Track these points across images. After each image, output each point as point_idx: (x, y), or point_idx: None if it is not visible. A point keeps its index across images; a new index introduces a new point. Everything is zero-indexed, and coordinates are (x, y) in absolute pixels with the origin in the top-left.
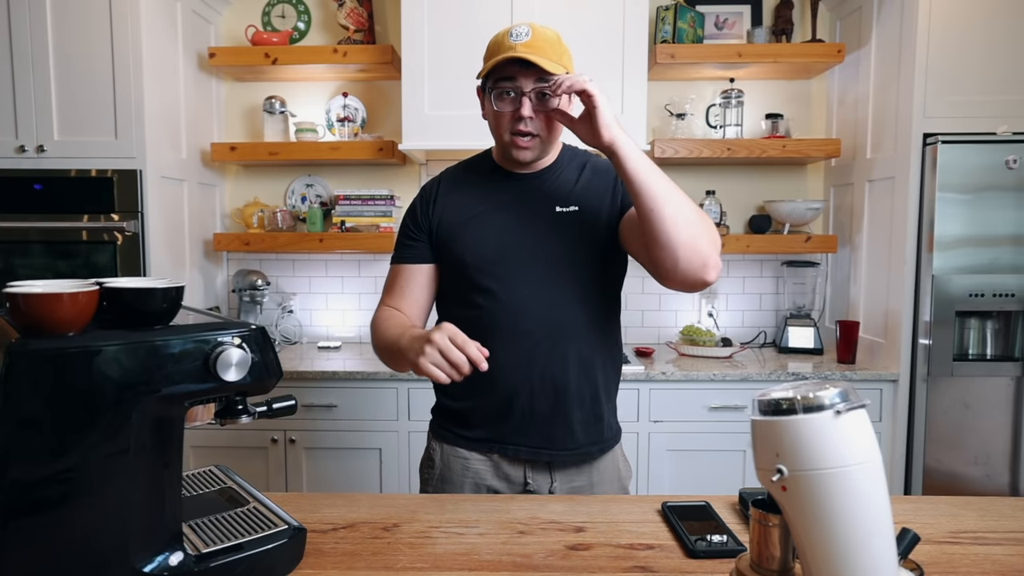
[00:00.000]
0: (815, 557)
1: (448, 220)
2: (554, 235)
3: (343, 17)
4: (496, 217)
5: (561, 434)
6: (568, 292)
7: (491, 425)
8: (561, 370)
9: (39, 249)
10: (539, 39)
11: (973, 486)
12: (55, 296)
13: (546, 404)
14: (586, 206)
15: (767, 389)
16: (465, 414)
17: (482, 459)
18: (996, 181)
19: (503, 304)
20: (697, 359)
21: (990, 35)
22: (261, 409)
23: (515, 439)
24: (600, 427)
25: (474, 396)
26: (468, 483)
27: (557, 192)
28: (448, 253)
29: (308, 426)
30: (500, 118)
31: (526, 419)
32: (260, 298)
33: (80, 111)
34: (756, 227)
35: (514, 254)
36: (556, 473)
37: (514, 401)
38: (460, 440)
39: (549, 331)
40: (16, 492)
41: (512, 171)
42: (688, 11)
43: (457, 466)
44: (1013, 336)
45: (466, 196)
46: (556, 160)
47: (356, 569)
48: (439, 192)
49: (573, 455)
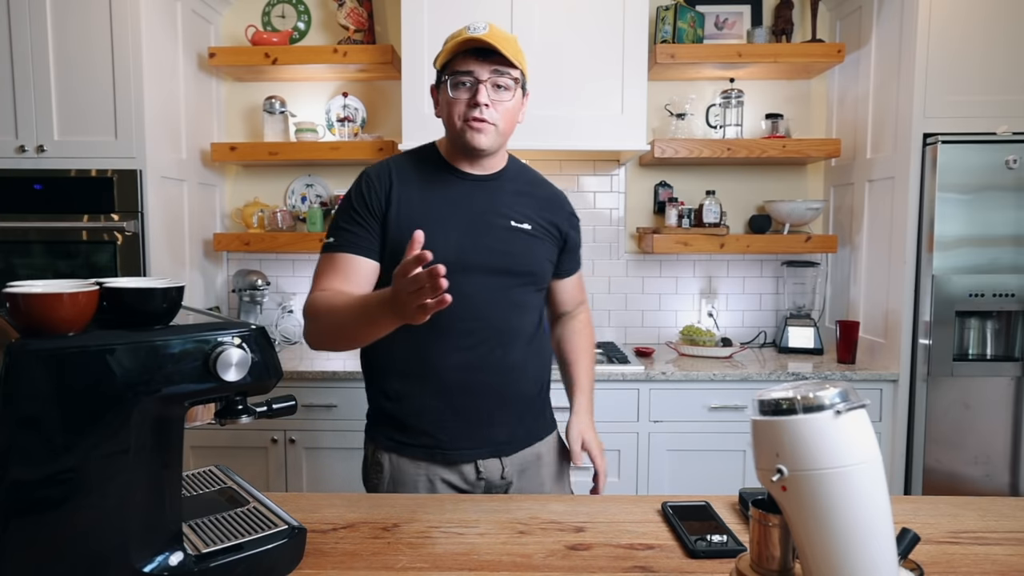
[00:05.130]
0: (815, 557)
1: (405, 215)
2: (507, 246)
3: (343, 17)
4: (454, 220)
5: (503, 433)
6: (514, 299)
7: (434, 429)
8: (504, 373)
9: (39, 249)
10: (497, 33)
11: (973, 486)
12: (55, 296)
13: (490, 405)
14: (537, 229)
15: (767, 389)
16: (406, 418)
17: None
18: (996, 181)
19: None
20: (697, 359)
21: (990, 35)
22: (261, 409)
23: (459, 443)
24: (536, 420)
25: (417, 397)
26: (422, 482)
27: (510, 205)
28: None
29: (308, 426)
30: (455, 105)
31: (467, 421)
32: (260, 298)
33: (80, 111)
34: (756, 227)
35: (470, 258)
36: (505, 459)
37: (457, 402)
38: (405, 448)
39: (496, 335)
40: (16, 492)
41: (463, 170)
42: (688, 11)
43: (408, 468)
44: (1013, 336)
45: (422, 193)
46: (506, 168)
47: (356, 569)
48: (392, 183)
49: (511, 446)
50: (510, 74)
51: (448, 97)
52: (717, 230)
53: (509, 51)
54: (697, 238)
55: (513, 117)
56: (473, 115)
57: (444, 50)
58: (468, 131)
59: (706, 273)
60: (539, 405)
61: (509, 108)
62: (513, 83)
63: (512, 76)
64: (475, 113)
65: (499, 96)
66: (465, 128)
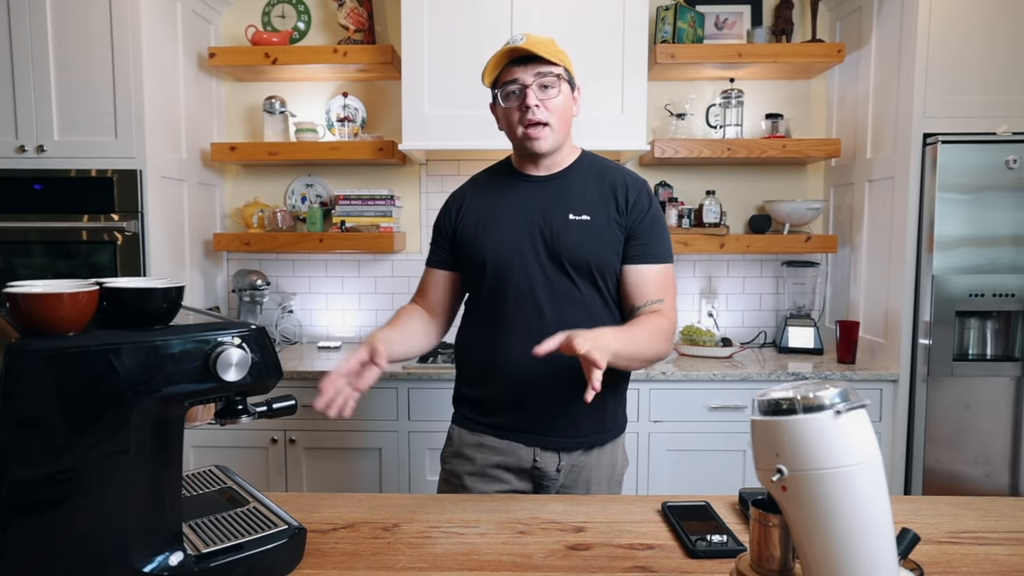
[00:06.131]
0: (815, 557)
1: (469, 223)
2: (567, 239)
3: (343, 17)
4: (514, 219)
5: (566, 425)
6: (579, 293)
7: (503, 414)
8: (570, 367)
9: (39, 249)
10: (534, 39)
11: (973, 486)
12: (55, 296)
13: (555, 398)
14: (599, 219)
15: (767, 389)
16: (480, 402)
17: (494, 439)
18: (996, 181)
19: (518, 302)
20: (697, 359)
21: (990, 35)
22: (261, 409)
23: (527, 427)
24: (603, 418)
25: (488, 385)
26: (479, 457)
27: (572, 199)
28: (469, 254)
29: (308, 426)
30: (510, 115)
31: (536, 411)
32: (260, 298)
33: (80, 111)
34: (756, 227)
35: (530, 255)
36: (563, 454)
37: (525, 394)
38: (476, 425)
39: (560, 329)
40: (16, 492)
41: (529, 174)
42: (688, 11)
43: (471, 440)
44: (1013, 336)
45: (486, 200)
46: (573, 164)
47: (356, 569)
48: (465, 199)
49: (576, 442)
50: (552, 72)
51: (503, 108)
52: (717, 230)
53: (548, 52)
54: (697, 238)
55: (566, 112)
56: (527, 119)
57: (488, 67)
58: (528, 139)
59: (706, 273)
60: (609, 405)
61: (560, 104)
62: (557, 79)
63: (555, 73)
64: (528, 116)
65: (547, 95)
66: (525, 136)
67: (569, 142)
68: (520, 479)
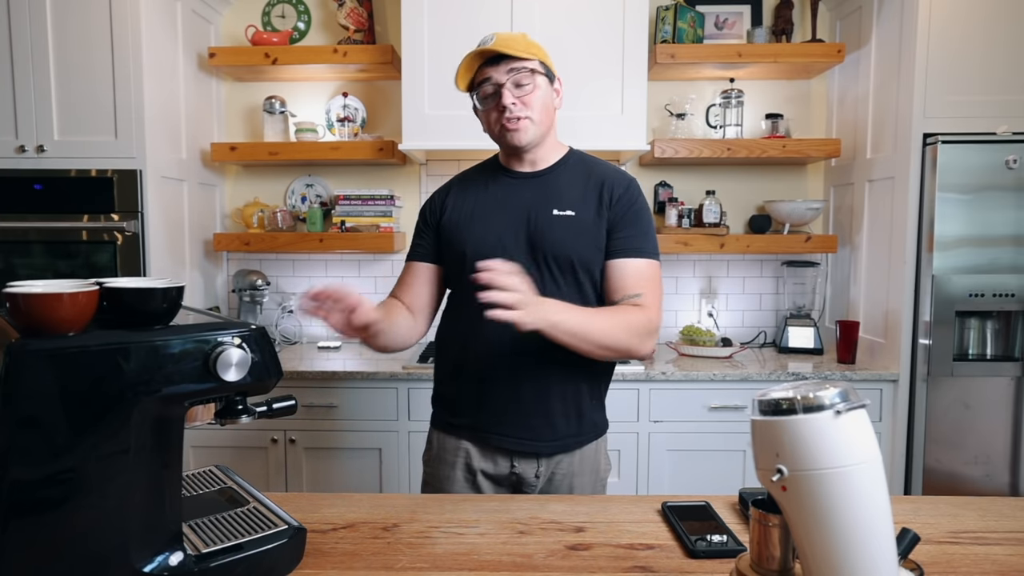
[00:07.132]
0: (815, 557)
1: (452, 217)
2: (551, 235)
3: (343, 17)
4: (498, 214)
5: (541, 425)
6: (557, 289)
7: (474, 412)
8: (544, 364)
9: (39, 249)
10: (503, 38)
11: (973, 486)
12: (55, 296)
13: (527, 396)
14: (583, 214)
15: (767, 389)
16: (452, 400)
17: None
18: (996, 181)
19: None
20: (697, 359)
21: (990, 35)
22: (261, 409)
23: (498, 428)
24: (581, 422)
25: (462, 383)
26: (459, 462)
27: (557, 195)
28: (451, 247)
29: (308, 426)
30: (488, 114)
31: (507, 409)
32: (260, 298)
33: (80, 111)
34: (756, 227)
35: (512, 249)
36: (542, 460)
37: (495, 390)
38: (452, 428)
39: None
40: (16, 492)
41: (515, 170)
42: (688, 11)
43: (450, 445)
44: (1013, 336)
45: (472, 194)
46: (559, 162)
47: (356, 569)
48: (450, 192)
49: (551, 445)
50: (525, 67)
51: (481, 110)
52: (717, 230)
53: (518, 49)
54: (697, 238)
55: (546, 105)
56: (504, 119)
57: (460, 71)
58: (506, 133)
59: (706, 273)
60: (587, 407)
61: (537, 98)
62: (531, 74)
63: (528, 68)
64: (506, 116)
65: (522, 92)
66: (503, 131)
67: (553, 137)
68: (499, 487)
